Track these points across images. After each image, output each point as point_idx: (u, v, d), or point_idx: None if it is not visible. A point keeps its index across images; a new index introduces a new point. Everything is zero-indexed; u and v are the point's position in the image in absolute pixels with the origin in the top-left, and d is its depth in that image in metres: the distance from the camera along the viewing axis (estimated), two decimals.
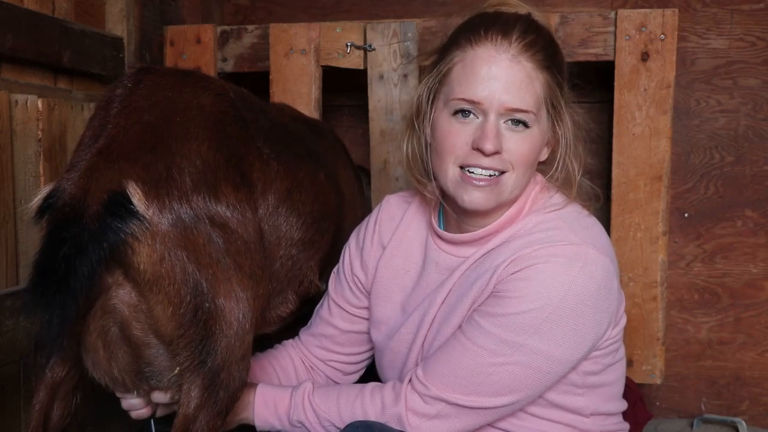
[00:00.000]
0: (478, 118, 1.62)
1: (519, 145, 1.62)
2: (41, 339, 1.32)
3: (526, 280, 1.57)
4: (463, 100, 1.61)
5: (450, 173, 1.65)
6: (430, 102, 1.70)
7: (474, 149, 1.61)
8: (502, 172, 1.63)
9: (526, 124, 1.62)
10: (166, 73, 1.63)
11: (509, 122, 1.62)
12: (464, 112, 1.62)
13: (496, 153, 1.60)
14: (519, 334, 1.56)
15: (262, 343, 1.89)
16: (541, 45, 1.63)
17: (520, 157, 1.62)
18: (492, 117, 1.60)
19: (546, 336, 1.56)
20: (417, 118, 1.74)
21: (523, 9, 1.72)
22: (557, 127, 1.68)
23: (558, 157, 1.71)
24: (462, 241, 1.73)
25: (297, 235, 1.77)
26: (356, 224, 2.02)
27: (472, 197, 1.63)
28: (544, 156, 1.72)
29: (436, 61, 1.72)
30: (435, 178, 1.71)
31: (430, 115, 1.69)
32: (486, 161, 1.60)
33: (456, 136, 1.63)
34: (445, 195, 1.72)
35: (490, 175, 1.62)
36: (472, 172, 1.62)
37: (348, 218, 2.15)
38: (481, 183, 1.62)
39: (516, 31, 1.61)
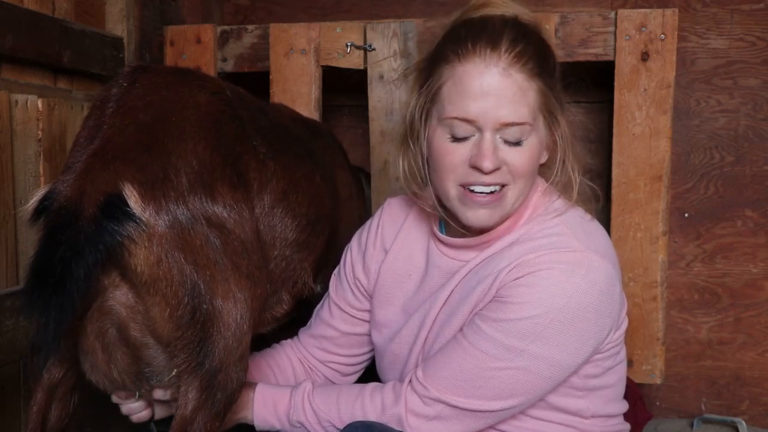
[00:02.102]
0: (473, 135, 1.60)
1: (518, 158, 1.60)
2: (38, 341, 1.32)
3: (529, 286, 1.56)
4: (456, 119, 1.59)
5: (452, 193, 1.63)
6: (423, 120, 1.67)
7: (472, 167, 1.59)
8: (504, 185, 1.61)
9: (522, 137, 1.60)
10: (162, 72, 1.62)
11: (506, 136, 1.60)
12: (460, 132, 1.59)
13: (496, 170, 1.58)
14: (520, 340, 1.55)
15: (260, 344, 1.89)
16: (531, 53, 1.59)
17: (520, 169, 1.60)
18: (488, 134, 1.57)
19: (548, 342, 1.55)
20: (411, 135, 1.71)
21: (509, 8, 1.67)
22: (554, 131, 1.66)
23: (558, 159, 1.69)
24: (463, 245, 1.72)
25: (292, 236, 1.75)
26: (352, 226, 2.01)
27: (477, 215, 1.62)
28: (543, 159, 1.70)
29: (425, 76, 1.68)
30: (436, 193, 1.69)
31: (424, 133, 1.67)
32: (486, 178, 1.59)
33: (453, 155, 1.60)
34: (444, 207, 1.70)
35: (492, 191, 1.61)
36: (474, 190, 1.61)
37: (344, 220, 2.13)
38: (484, 200, 1.61)
39: (504, 42, 1.57)
